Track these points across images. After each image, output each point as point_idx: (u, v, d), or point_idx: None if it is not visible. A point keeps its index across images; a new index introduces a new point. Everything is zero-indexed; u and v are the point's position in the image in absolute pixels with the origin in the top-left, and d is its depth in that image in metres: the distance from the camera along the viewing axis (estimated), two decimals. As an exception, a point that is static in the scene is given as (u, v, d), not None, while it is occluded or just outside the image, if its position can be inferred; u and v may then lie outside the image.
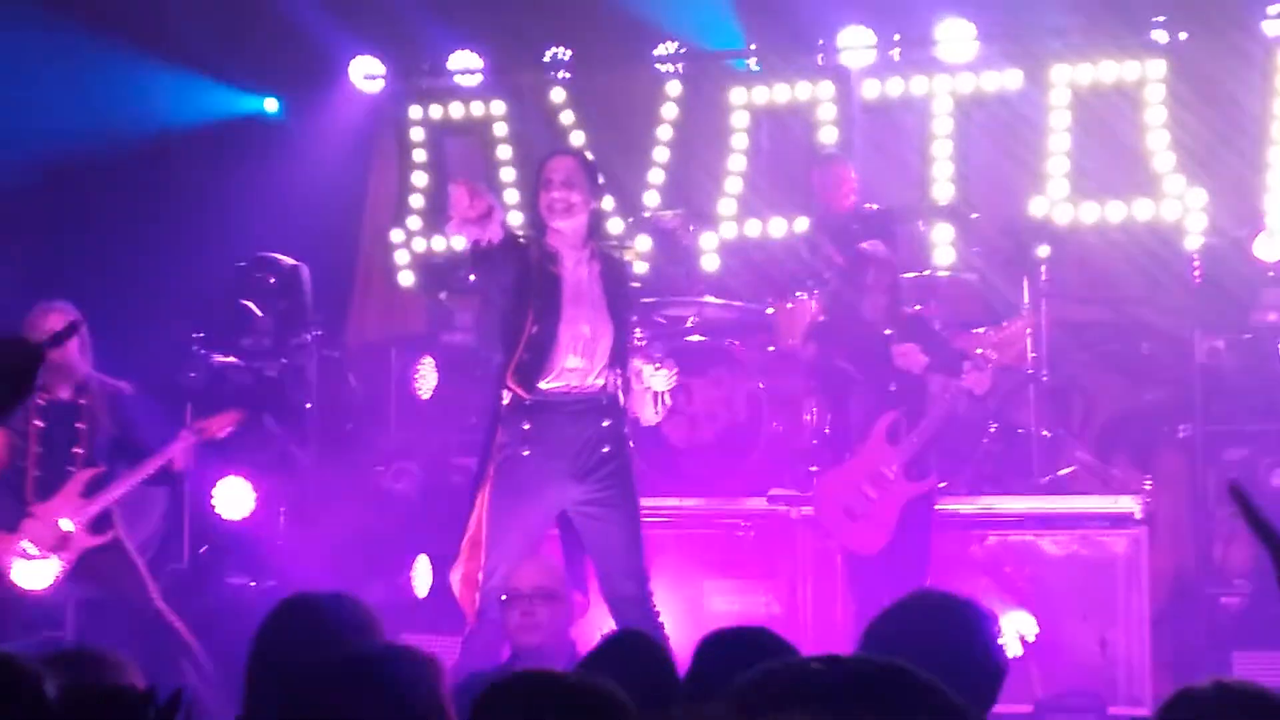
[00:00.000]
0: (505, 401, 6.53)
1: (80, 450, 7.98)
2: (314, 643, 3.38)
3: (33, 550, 7.82)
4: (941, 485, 8.10)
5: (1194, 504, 9.17)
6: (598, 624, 6.30)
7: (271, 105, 11.68)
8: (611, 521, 6.50)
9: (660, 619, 6.44)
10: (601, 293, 6.58)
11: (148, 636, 7.73)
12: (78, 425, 7.99)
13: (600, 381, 6.54)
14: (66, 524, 7.84)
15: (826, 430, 8.38)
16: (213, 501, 9.45)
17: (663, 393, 6.65)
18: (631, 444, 6.76)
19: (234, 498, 9.45)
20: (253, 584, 9.40)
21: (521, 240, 6.63)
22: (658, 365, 6.67)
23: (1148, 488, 8.64)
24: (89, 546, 7.87)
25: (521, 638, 6.09)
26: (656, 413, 6.69)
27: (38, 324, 7.60)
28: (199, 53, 10.78)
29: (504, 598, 6.24)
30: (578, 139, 11.19)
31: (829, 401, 8.15)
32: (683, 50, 11.12)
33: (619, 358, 6.59)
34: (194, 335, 9.86)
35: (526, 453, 6.48)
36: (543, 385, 6.50)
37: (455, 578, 6.49)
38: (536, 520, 6.55)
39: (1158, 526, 8.68)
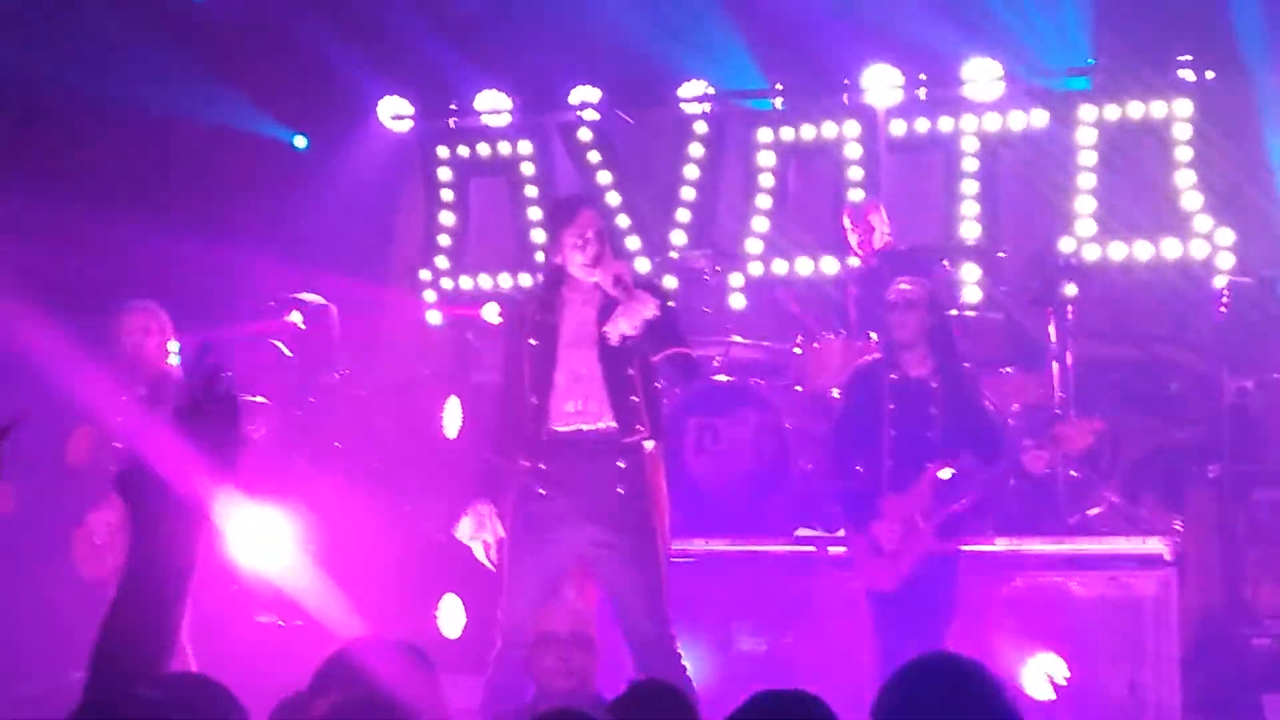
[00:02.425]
0: (523, 449, 6.60)
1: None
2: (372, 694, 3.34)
3: (99, 537, 7.90)
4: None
5: (1224, 544, 9.11)
6: (620, 669, 6.30)
7: (300, 142, 11.75)
8: (628, 563, 6.51)
9: (682, 661, 6.43)
10: (597, 332, 6.62)
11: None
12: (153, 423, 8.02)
13: (609, 422, 6.56)
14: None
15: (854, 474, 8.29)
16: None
17: (624, 273, 6.67)
18: (664, 485, 6.75)
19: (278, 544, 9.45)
20: (281, 623, 9.40)
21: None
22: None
23: (1177, 528, 8.59)
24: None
25: (555, 682, 6.07)
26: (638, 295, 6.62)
27: (122, 323, 7.94)
28: (233, 86, 10.85)
29: (533, 641, 6.23)
30: (604, 178, 11.22)
31: (854, 447, 8.04)
32: (709, 90, 11.15)
33: (623, 390, 6.58)
34: (224, 375, 9.88)
35: (543, 491, 6.53)
36: (554, 428, 6.57)
37: None
38: (554, 560, 6.56)
39: (1187, 567, 8.63)
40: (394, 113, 11.57)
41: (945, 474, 7.62)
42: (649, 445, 6.65)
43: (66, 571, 8.12)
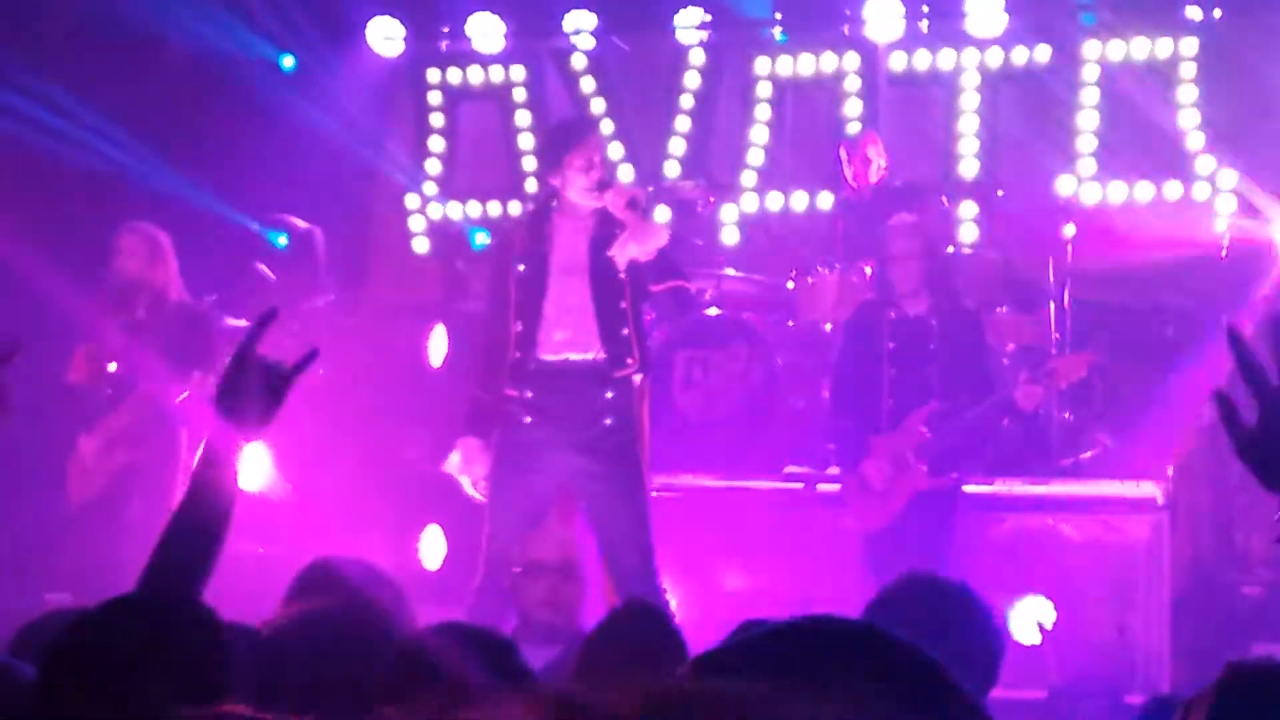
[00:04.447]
0: (509, 375, 6.50)
1: (150, 368, 7.96)
2: (351, 602, 3.32)
3: (87, 459, 7.86)
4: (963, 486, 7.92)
5: (1216, 491, 9.02)
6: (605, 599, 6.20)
7: (288, 63, 11.53)
8: (614, 495, 6.47)
9: (666, 595, 6.36)
10: (588, 262, 6.50)
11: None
12: (147, 345, 7.93)
13: (598, 353, 6.45)
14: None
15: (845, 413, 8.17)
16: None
17: (639, 197, 6.59)
18: (648, 418, 6.67)
19: (252, 466, 9.34)
20: (260, 550, 9.28)
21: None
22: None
23: (1170, 473, 8.49)
24: (126, 460, 7.89)
25: (540, 613, 5.97)
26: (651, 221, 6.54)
27: (117, 246, 8.00)
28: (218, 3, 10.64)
29: (519, 569, 6.13)
30: (598, 106, 11.04)
31: (853, 387, 7.92)
32: (706, 18, 10.96)
33: (615, 322, 6.47)
34: (205, 298, 9.74)
35: (528, 419, 6.44)
36: (541, 356, 6.47)
37: None
38: (538, 489, 6.49)
39: (1179, 513, 8.54)
40: (384, 34, 11.36)
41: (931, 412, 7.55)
42: (637, 379, 6.57)
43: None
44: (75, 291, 8.01)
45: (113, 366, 8.00)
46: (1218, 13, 9.94)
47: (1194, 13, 9.99)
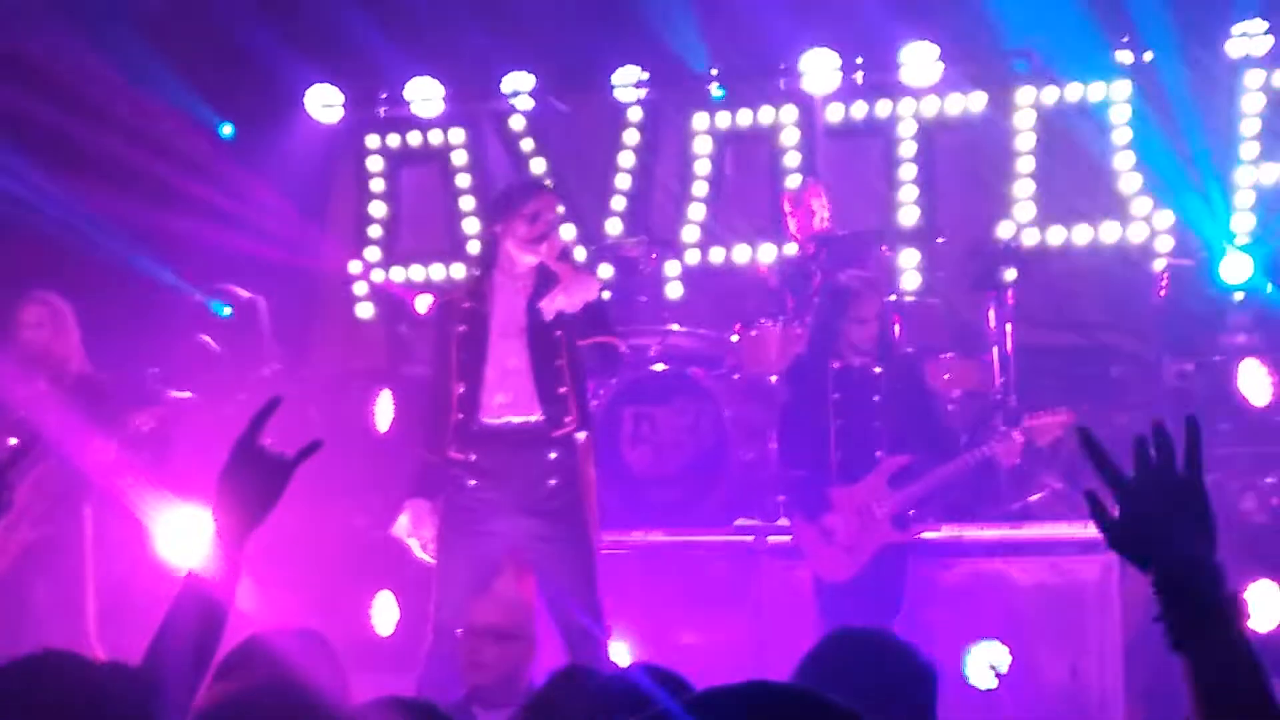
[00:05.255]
0: (452, 437, 6.50)
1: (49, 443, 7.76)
2: (276, 681, 3.27)
3: None
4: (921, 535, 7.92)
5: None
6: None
7: (227, 130, 11.51)
8: (562, 556, 6.45)
9: (612, 652, 6.35)
10: (526, 322, 6.50)
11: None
12: (47, 418, 7.77)
13: (538, 415, 6.45)
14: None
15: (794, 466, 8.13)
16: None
17: (569, 249, 6.62)
18: (594, 475, 6.65)
19: (198, 538, 9.25)
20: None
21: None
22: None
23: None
24: (30, 539, 7.68)
25: (486, 677, 5.93)
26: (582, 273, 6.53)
27: (19, 315, 7.82)
28: (155, 73, 10.61)
29: (463, 633, 6.09)
30: (538, 166, 11.07)
31: (800, 438, 7.90)
32: (643, 77, 11.01)
33: (551, 382, 6.46)
34: (149, 371, 9.68)
35: (473, 483, 6.42)
36: (484, 420, 6.47)
37: None
38: (485, 552, 6.44)
39: (1130, 553, 8.55)
40: (323, 102, 11.36)
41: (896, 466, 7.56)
42: (580, 436, 6.56)
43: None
44: None
45: (13, 440, 7.79)
46: (1149, 55, 10.03)
47: (1125, 56, 10.09)
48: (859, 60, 10.62)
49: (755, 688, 1.73)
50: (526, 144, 11.18)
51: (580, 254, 10.56)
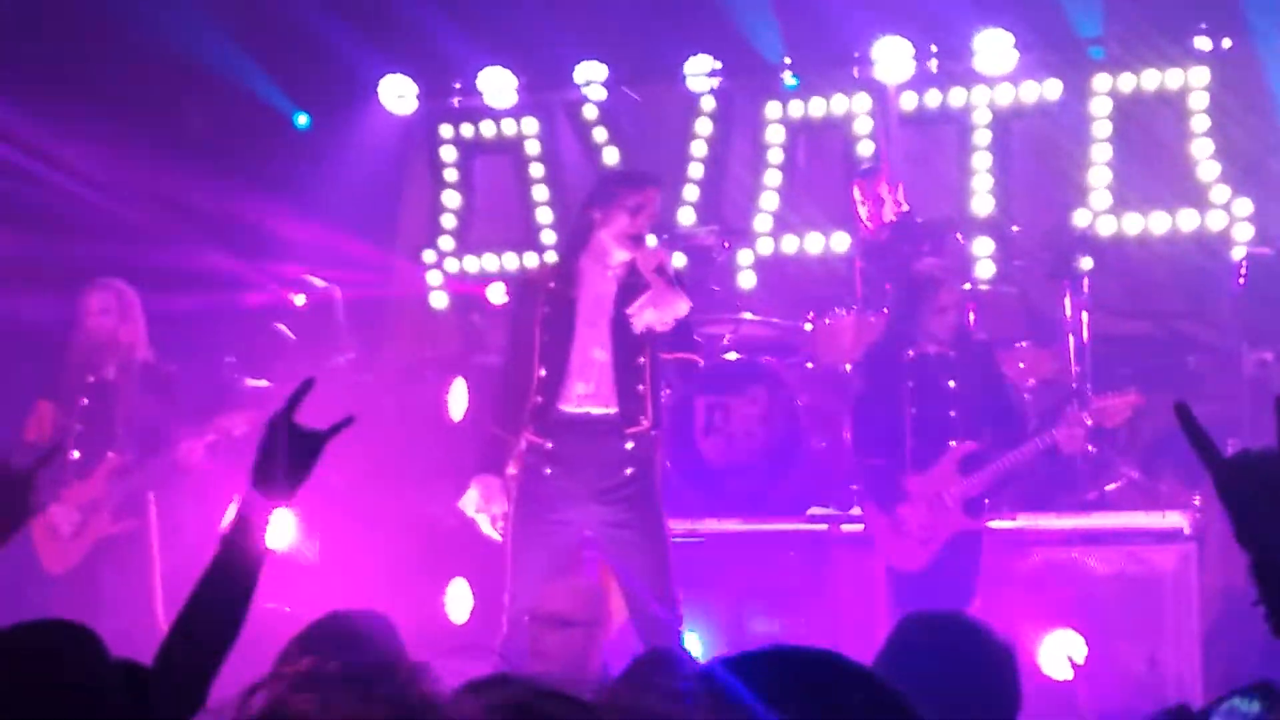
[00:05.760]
0: (530, 420, 6.47)
1: (120, 432, 7.80)
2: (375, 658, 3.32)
3: (63, 529, 7.68)
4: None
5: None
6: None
7: (303, 120, 11.61)
8: (636, 544, 6.43)
9: (690, 640, 6.34)
10: (612, 312, 6.46)
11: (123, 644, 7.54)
12: (116, 407, 7.80)
13: (615, 409, 6.42)
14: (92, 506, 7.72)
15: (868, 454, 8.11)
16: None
17: (666, 264, 6.50)
18: (668, 464, 6.66)
19: (278, 527, 9.32)
20: (287, 609, 9.27)
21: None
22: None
23: (1197, 503, 8.44)
24: (110, 533, 7.73)
25: (533, 666, 5.94)
26: (675, 290, 6.42)
27: (84, 302, 7.79)
28: (233, 63, 10.69)
29: (534, 621, 6.10)
30: (611, 156, 11.08)
31: (874, 427, 7.87)
32: (716, 66, 11.00)
33: (631, 379, 6.44)
34: (226, 360, 9.77)
35: (549, 470, 6.40)
36: (562, 408, 6.44)
37: None
38: (559, 541, 6.44)
39: (1207, 543, 8.48)
40: (396, 92, 11.42)
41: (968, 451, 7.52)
42: (653, 432, 6.55)
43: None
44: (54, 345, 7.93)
45: (79, 428, 7.82)
46: (1227, 42, 9.93)
47: (1204, 42, 9.98)
48: (933, 48, 10.57)
49: (776, 651, 1.77)
50: (599, 134, 11.19)
51: (650, 243, 10.55)
